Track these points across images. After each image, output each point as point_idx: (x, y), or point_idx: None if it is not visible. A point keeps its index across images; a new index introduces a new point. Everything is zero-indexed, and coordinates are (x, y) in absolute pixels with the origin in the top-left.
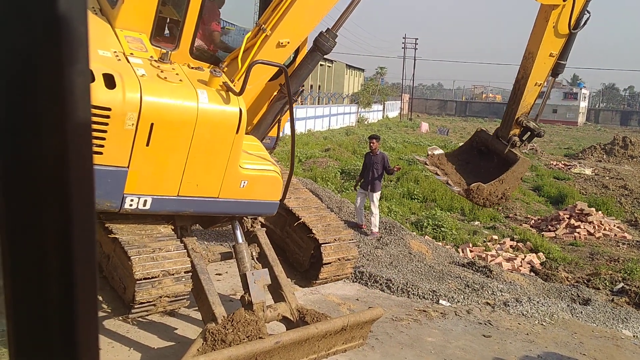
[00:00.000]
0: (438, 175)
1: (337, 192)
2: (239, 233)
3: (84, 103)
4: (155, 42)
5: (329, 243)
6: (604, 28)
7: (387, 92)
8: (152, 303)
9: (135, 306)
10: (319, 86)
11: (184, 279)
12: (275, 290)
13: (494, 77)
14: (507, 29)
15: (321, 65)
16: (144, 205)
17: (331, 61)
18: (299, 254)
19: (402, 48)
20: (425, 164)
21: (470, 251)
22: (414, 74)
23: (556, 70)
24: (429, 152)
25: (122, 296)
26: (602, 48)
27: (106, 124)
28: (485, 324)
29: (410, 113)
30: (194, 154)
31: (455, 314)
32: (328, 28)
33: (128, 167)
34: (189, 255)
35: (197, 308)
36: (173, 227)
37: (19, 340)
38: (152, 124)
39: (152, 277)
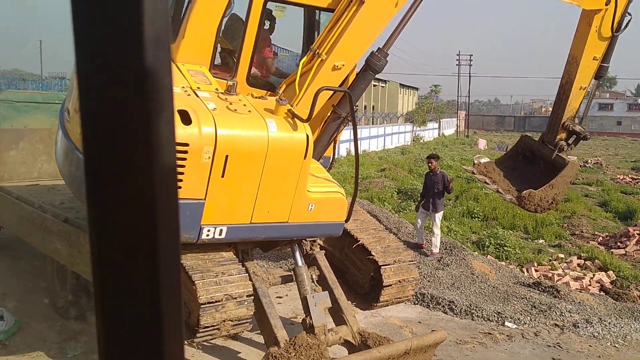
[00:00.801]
0: (487, 184)
1: (394, 213)
2: (298, 256)
3: (170, 148)
4: (213, 72)
5: (388, 265)
6: None
7: (442, 109)
8: (216, 327)
9: (200, 330)
10: (373, 106)
11: (246, 303)
12: (336, 313)
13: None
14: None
15: (374, 85)
16: (220, 234)
17: (384, 81)
18: (359, 277)
19: (457, 65)
20: (473, 173)
21: (536, 270)
22: (469, 90)
23: (599, 73)
24: (476, 161)
25: (186, 320)
26: None
27: (184, 159)
28: (555, 347)
29: (467, 130)
30: (265, 181)
31: (522, 337)
32: (379, 47)
33: (205, 199)
34: (250, 279)
35: (259, 331)
36: (234, 252)
37: None
38: (226, 156)
39: (216, 301)
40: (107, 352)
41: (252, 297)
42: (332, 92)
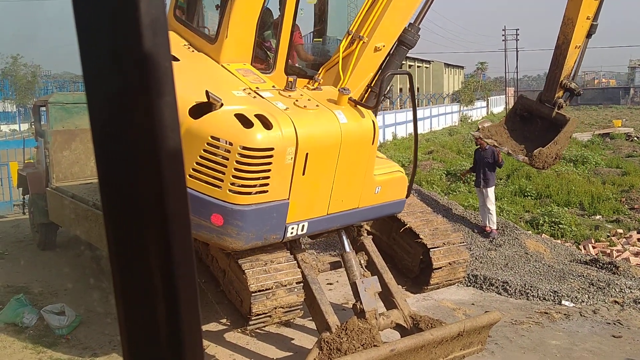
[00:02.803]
0: (496, 146)
1: (443, 195)
2: (346, 242)
3: (174, 133)
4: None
5: (437, 247)
6: None
7: (489, 87)
8: (267, 314)
9: (252, 318)
10: (417, 88)
11: (296, 290)
12: (387, 298)
13: (605, 61)
14: (614, 9)
15: (418, 66)
16: (302, 230)
17: (428, 61)
18: (408, 260)
19: (503, 41)
20: (480, 138)
21: (593, 247)
22: (517, 66)
23: (590, 31)
24: (480, 126)
25: (239, 309)
26: None
27: (270, 164)
28: (615, 324)
29: None
30: (339, 172)
31: (580, 315)
32: (411, 22)
33: (288, 198)
34: (299, 266)
35: (311, 318)
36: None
37: (132, 351)
38: (306, 154)
39: (266, 289)
40: (129, 340)
41: (302, 284)
42: (370, 72)
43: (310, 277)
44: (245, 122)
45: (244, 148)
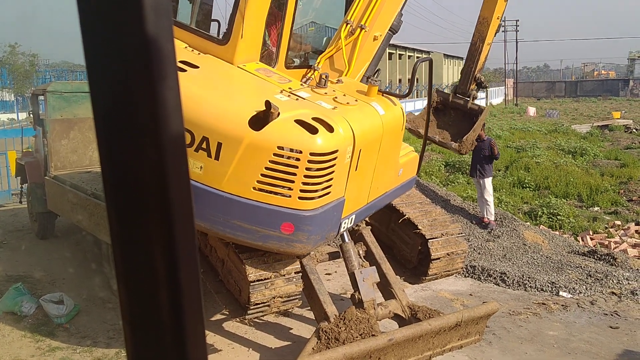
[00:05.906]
0: (427, 135)
1: (442, 186)
2: (344, 232)
3: (177, 116)
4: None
5: (436, 238)
6: None
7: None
8: (266, 304)
9: (251, 307)
10: (417, 79)
11: (294, 280)
12: (385, 288)
13: (604, 53)
14: (614, 0)
15: (418, 57)
16: (351, 222)
17: (427, 52)
18: (406, 251)
19: (503, 32)
20: (409, 129)
21: (591, 239)
22: (516, 57)
23: (498, 29)
24: (407, 118)
25: (238, 298)
26: None
27: (334, 165)
28: (612, 315)
29: (516, 98)
30: (379, 161)
31: (578, 306)
32: None
33: (344, 195)
34: (297, 256)
35: (309, 308)
36: None
37: (135, 339)
38: (360, 150)
39: (265, 279)
40: (131, 326)
41: (300, 274)
42: (367, 61)
43: (308, 267)
44: (307, 127)
45: (313, 154)
